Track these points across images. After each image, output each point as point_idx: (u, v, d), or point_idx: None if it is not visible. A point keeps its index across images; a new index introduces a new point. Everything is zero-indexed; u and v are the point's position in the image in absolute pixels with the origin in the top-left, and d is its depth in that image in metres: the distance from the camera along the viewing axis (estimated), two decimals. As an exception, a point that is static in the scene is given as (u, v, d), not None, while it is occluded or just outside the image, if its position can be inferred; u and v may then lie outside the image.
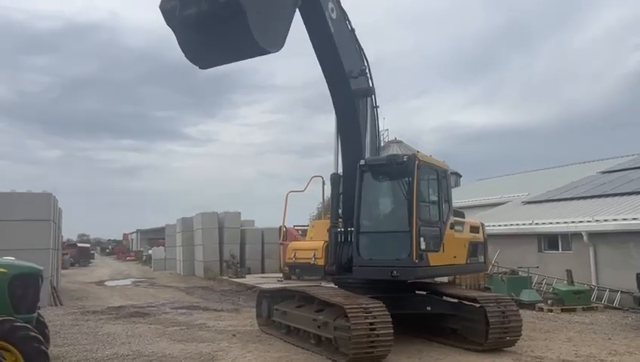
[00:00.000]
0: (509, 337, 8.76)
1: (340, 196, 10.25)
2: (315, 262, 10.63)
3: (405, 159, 8.97)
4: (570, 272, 13.55)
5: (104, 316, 13.34)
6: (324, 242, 10.33)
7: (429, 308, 9.52)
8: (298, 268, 11.01)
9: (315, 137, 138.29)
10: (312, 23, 9.67)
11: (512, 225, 17.04)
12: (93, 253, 61.35)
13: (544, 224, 16.02)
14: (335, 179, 10.42)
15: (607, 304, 13.62)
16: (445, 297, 9.81)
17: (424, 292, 10.06)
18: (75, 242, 56.18)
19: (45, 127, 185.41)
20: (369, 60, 10.61)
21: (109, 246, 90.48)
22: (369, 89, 10.14)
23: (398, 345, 8.00)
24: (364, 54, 10.43)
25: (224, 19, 7.44)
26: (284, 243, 17.83)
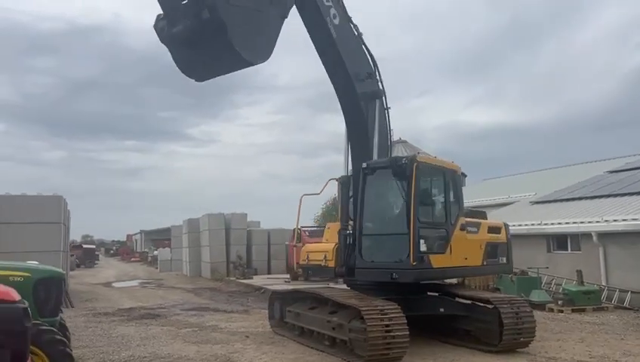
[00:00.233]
0: (523, 338, 8.79)
1: (350, 198, 10.29)
2: (326, 264, 10.66)
3: (404, 161, 8.99)
4: (581, 272, 13.57)
5: (116, 318, 13.41)
6: (334, 244, 10.38)
7: (442, 310, 9.54)
8: (310, 270, 11.07)
9: (318, 137, 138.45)
10: (314, 29, 9.77)
11: (520, 225, 17.05)
12: (97, 254, 61.47)
13: (553, 224, 16.03)
14: (345, 181, 10.46)
15: (617, 304, 13.63)
16: (458, 298, 9.85)
17: (436, 294, 10.12)
18: (80, 243, 56.30)
19: (48, 129, 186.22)
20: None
21: (112, 247, 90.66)
22: (377, 92, 10.15)
23: (411, 346, 8.03)
24: (372, 57, 10.46)
25: (208, 35, 7.70)
26: (297, 246, 17.90)
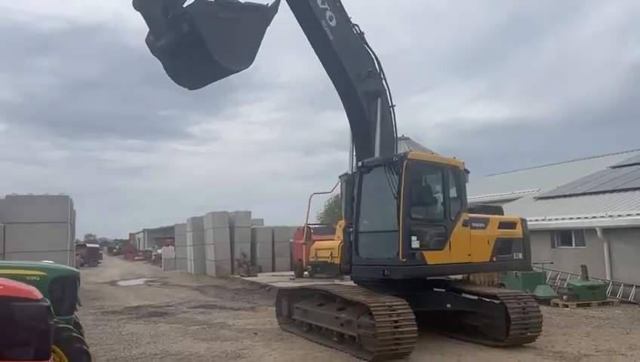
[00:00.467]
0: (529, 333, 8.87)
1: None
2: (332, 261, 10.75)
3: (395, 159, 9.09)
4: (585, 268, 13.63)
5: (124, 316, 13.53)
6: (340, 241, 10.47)
7: (448, 306, 9.62)
8: (319, 267, 11.19)
9: (319, 135, 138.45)
10: (309, 31, 9.93)
11: (524, 221, 17.09)
12: (101, 253, 61.73)
13: (557, 220, 16.10)
14: (349, 179, 10.55)
15: (622, 299, 13.70)
16: (464, 294, 9.93)
17: (443, 290, 10.21)
18: (84, 242, 56.50)
19: (50, 129, 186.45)
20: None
21: (115, 246, 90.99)
22: (379, 90, 10.20)
23: (419, 341, 8.11)
24: (374, 56, 10.51)
25: (190, 46, 8.10)
26: (307, 243, 18.00)
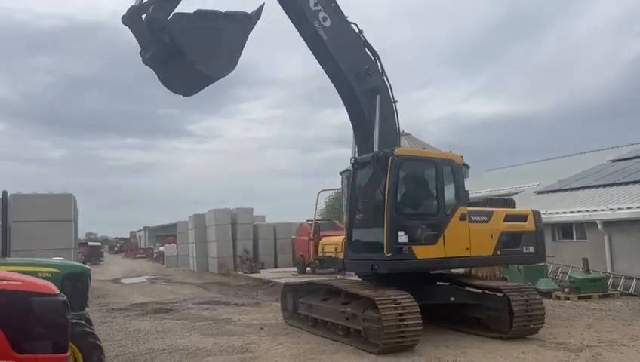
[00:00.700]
0: (532, 325, 8.96)
1: None
2: (336, 256, 10.87)
3: (381, 155, 9.20)
4: (587, 260, 13.74)
5: (130, 313, 13.64)
6: (344, 237, 10.58)
7: (452, 299, 9.74)
8: (325, 262, 11.34)
9: (318, 131, 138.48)
10: (302, 31, 10.06)
11: (525, 215, 17.17)
12: (102, 251, 61.87)
13: (558, 214, 16.19)
14: (350, 175, 10.65)
15: (623, 291, 13.81)
16: (468, 288, 10.04)
17: (447, 284, 10.32)
18: (86, 241, 56.64)
19: (50, 127, 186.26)
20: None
21: (116, 244, 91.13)
22: (377, 87, 10.24)
23: (423, 334, 8.23)
24: (374, 53, 10.59)
25: (173, 57, 8.45)
26: (314, 239, 18.10)
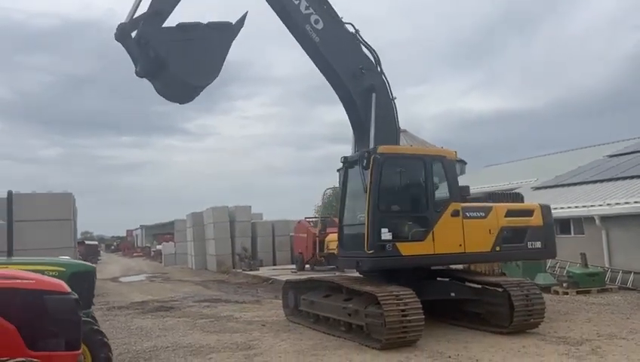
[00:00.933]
0: (533, 319, 9.05)
1: None
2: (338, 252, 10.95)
3: (365, 154, 9.32)
4: (585, 255, 13.86)
5: (131, 311, 13.68)
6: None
7: (452, 294, 9.82)
8: (329, 258, 11.45)
9: (314, 129, 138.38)
10: (295, 34, 10.21)
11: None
12: (99, 250, 61.80)
13: (556, 209, 16.21)
14: None
15: (620, 285, 13.95)
16: (468, 283, 10.13)
17: (446, 279, 10.41)
18: (83, 240, 56.55)
19: (45, 126, 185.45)
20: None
21: (113, 243, 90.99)
22: (372, 86, 10.30)
23: (424, 329, 8.32)
24: (371, 51, 10.65)
25: (160, 70, 8.88)
26: (320, 236, 18.18)
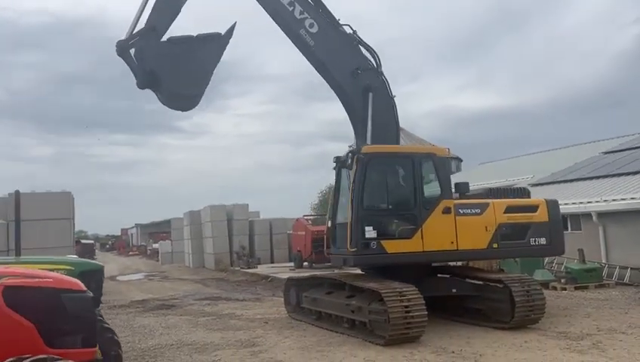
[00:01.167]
0: (533, 315, 9.14)
1: None
2: None
3: (349, 153, 9.51)
4: (582, 251, 14.00)
5: (132, 309, 13.72)
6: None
7: (454, 290, 9.93)
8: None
9: (309, 126, 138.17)
10: (290, 38, 10.44)
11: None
12: (95, 249, 61.59)
13: (553, 205, 16.42)
14: None
15: (618, 281, 14.11)
16: (468, 279, 10.22)
17: (447, 276, 10.52)
18: (78, 239, 56.33)
19: (36, 125, 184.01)
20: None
21: (108, 241, 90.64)
22: (369, 86, 10.43)
23: (427, 325, 8.40)
24: (370, 51, 10.75)
25: (157, 82, 9.44)
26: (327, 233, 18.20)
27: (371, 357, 7.56)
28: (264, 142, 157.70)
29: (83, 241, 54.68)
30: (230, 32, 10.10)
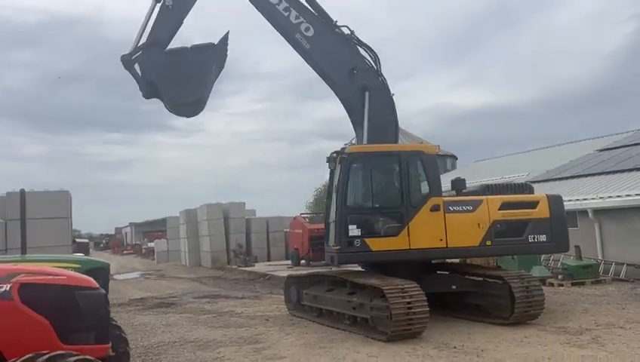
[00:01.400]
0: (533, 310, 9.23)
1: None
2: None
3: (334, 154, 9.66)
4: (579, 248, 14.13)
5: (131, 308, 13.72)
6: None
7: (454, 287, 10.01)
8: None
9: (304, 124, 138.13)
10: (287, 40, 10.65)
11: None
12: (89, 248, 61.41)
13: (549, 203, 16.55)
14: None
15: (614, 276, 14.27)
16: (468, 276, 10.31)
17: (447, 273, 10.61)
18: (73, 238, 56.14)
19: (30, 124, 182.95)
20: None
21: (102, 240, 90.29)
22: (365, 86, 10.52)
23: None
24: (367, 51, 10.82)
25: (157, 91, 10.07)
26: None
27: (374, 353, 7.63)
28: (259, 141, 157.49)
29: (78, 240, 54.61)
30: (224, 41, 10.52)
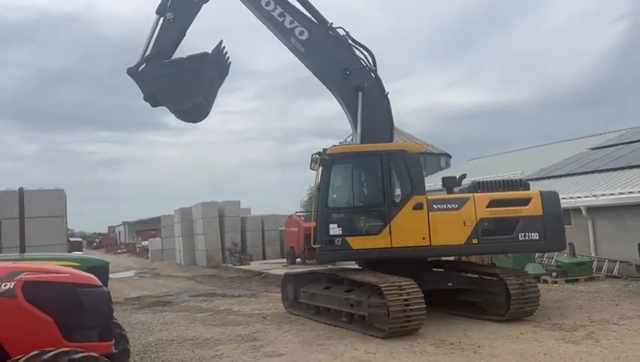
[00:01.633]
0: (528, 307, 9.33)
1: None
2: None
3: (314, 154, 9.78)
4: (572, 245, 14.25)
5: (127, 306, 13.71)
6: None
7: (450, 284, 10.10)
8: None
9: (297, 122, 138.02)
10: (284, 44, 10.81)
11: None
12: (82, 247, 61.17)
13: (543, 200, 16.69)
14: None
15: (607, 273, 14.40)
16: (463, 273, 10.40)
17: (442, 270, 10.69)
18: (67, 237, 55.90)
19: (22, 123, 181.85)
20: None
21: (95, 239, 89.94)
22: (359, 86, 10.60)
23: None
24: (363, 51, 10.90)
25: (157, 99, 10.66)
26: None
27: (372, 350, 7.70)
28: (252, 139, 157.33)
29: (71, 239, 54.40)
30: (218, 49, 10.87)
